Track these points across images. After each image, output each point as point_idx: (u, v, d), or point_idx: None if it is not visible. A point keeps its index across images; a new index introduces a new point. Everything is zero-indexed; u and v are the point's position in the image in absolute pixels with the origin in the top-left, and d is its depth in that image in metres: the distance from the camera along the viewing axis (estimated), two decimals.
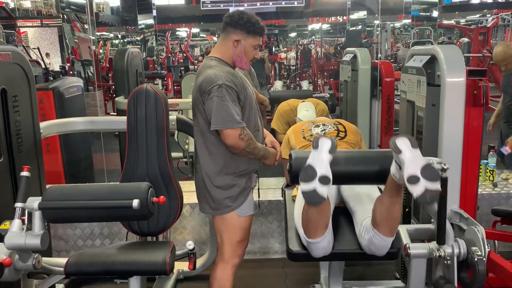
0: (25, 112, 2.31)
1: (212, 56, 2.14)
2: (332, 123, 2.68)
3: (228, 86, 1.97)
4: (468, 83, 2.09)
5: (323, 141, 1.79)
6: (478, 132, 2.23)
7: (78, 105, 4.23)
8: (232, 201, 2.12)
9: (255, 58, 2.18)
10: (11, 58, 2.18)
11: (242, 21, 2.06)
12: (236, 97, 2.01)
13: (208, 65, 2.09)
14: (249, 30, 2.07)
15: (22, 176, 1.89)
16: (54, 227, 3.13)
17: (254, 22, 2.08)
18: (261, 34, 2.12)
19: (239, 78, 2.08)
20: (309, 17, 15.08)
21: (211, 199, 2.14)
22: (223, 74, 2.00)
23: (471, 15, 16.27)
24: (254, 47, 2.13)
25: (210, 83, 1.97)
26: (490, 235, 2.48)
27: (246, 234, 2.23)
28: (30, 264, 1.87)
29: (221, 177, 2.10)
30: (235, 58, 2.12)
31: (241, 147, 2.00)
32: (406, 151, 1.63)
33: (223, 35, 2.13)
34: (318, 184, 1.66)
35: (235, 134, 1.96)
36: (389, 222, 1.79)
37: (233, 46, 2.09)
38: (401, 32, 15.33)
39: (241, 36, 2.08)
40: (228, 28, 2.10)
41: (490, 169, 3.33)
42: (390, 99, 4.17)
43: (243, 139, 1.98)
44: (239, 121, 1.97)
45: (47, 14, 14.29)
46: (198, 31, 18.19)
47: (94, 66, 8.25)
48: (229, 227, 2.17)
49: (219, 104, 1.95)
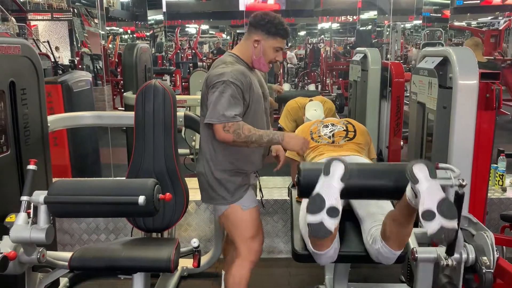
0: (33, 105, 2.31)
1: (232, 52, 2.15)
2: (341, 122, 2.65)
3: (232, 82, 1.96)
4: (480, 86, 2.06)
5: (336, 167, 1.64)
6: (489, 136, 2.20)
7: (87, 100, 4.24)
8: (228, 194, 2.11)
9: (276, 60, 2.14)
10: (20, 51, 2.18)
11: (263, 22, 2.05)
12: (241, 95, 1.98)
13: (223, 60, 2.10)
14: (269, 31, 2.05)
15: (29, 169, 1.89)
16: (59, 221, 3.13)
17: (276, 23, 2.05)
18: (283, 36, 2.09)
19: (249, 77, 2.04)
20: (319, 16, 15.00)
21: (210, 188, 2.13)
22: (231, 71, 1.99)
23: (482, 17, 16.11)
24: (275, 49, 2.10)
25: (216, 78, 1.99)
26: (498, 241, 2.44)
27: (256, 228, 2.19)
28: (35, 257, 1.87)
29: (218, 171, 2.10)
30: (253, 59, 2.10)
31: (230, 139, 1.94)
32: (423, 181, 1.51)
33: (246, 34, 2.12)
34: (325, 216, 1.55)
35: (220, 127, 1.93)
36: (400, 237, 1.75)
37: (253, 46, 2.08)
38: (412, 33, 15.22)
39: (261, 37, 2.06)
40: (250, 27, 2.09)
41: (499, 173, 3.29)
42: (399, 100, 4.13)
43: (228, 131, 1.93)
44: (227, 115, 1.91)
45: (58, 8, 14.34)
46: (208, 27, 18.18)
47: (103, 61, 8.27)
48: (237, 223, 2.16)
49: (218, 98, 1.94)
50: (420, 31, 13.03)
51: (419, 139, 2.50)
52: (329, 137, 2.53)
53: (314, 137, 2.56)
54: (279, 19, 2.06)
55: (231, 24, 16.44)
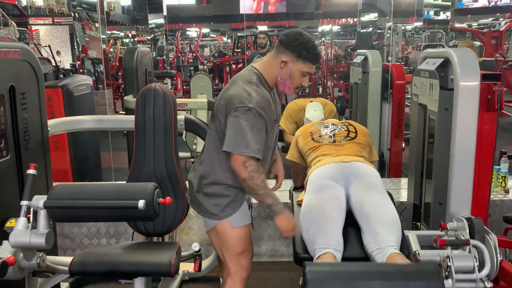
0: (33, 110, 2.30)
1: (255, 69, 1.99)
2: (342, 123, 2.64)
3: (258, 112, 1.83)
4: (482, 87, 2.05)
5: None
6: (491, 138, 2.18)
7: (87, 103, 4.24)
8: (218, 210, 2.00)
9: (302, 86, 2.00)
10: (20, 55, 2.18)
11: (295, 43, 1.90)
12: (264, 125, 1.88)
13: (246, 78, 1.94)
14: (300, 54, 1.90)
15: (29, 174, 1.88)
16: (60, 225, 3.12)
17: (308, 47, 1.90)
18: (313, 61, 1.93)
19: (272, 105, 1.93)
20: (320, 18, 15.02)
21: (198, 201, 2.05)
22: (257, 96, 1.85)
23: (483, 18, 16.12)
24: (303, 74, 1.95)
25: (240, 101, 1.83)
26: (501, 243, 2.42)
27: (245, 245, 2.07)
28: (35, 262, 1.86)
29: (210, 185, 2.00)
30: (278, 80, 1.96)
31: (243, 176, 1.85)
32: None
33: (274, 52, 1.96)
34: None
35: (241, 160, 1.83)
36: None
37: (279, 67, 1.93)
38: (412, 35, 15.23)
39: (290, 58, 1.91)
40: (280, 46, 1.93)
41: (502, 175, 3.27)
42: (400, 102, 4.12)
43: (247, 168, 1.83)
44: (252, 149, 1.82)
45: (59, 13, 14.38)
46: (208, 31, 18.22)
47: (103, 65, 8.29)
48: (225, 240, 2.04)
49: (241, 128, 1.82)
50: (421, 33, 13.02)
51: (420, 141, 2.48)
52: (330, 136, 2.51)
53: (314, 137, 2.55)
54: (312, 42, 1.92)
55: (232, 27, 16.46)
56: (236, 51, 12.13)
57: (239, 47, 12.27)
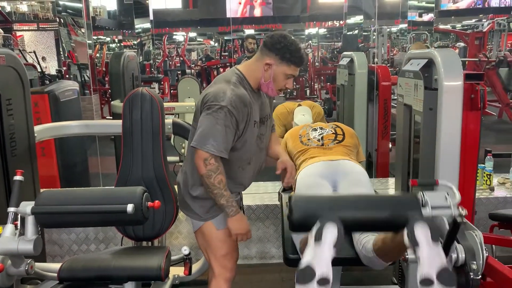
0: (19, 116, 2.29)
1: (238, 70, 2.00)
2: (330, 126, 2.67)
3: (230, 111, 1.83)
4: (465, 87, 2.09)
5: (328, 232, 1.44)
6: (475, 136, 2.22)
7: (74, 109, 4.21)
8: (203, 211, 2.03)
9: (286, 88, 2.00)
10: (5, 61, 2.16)
11: (279, 45, 1.90)
12: (235, 124, 1.87)
13: (226, 78, 1.96)
14: (283, 57, 1.90)
15: (15, 180, 1.86)
16: (48, 232, 3.09)
17: (292, 50, 1.90)
18: (297, 64, 1.93)
19: (248, 106, 1.91)
20: (306, 21, 15.09)
21: (185, 203, 2.08)
22: (231, 96, 1.85)
23: (467, 20, 16.34)
24: (287, 76, 1.95)
25: (214, 99, 1.85)
26: (488, 240, 2.46)
27: (229, 247, 2.08)
28: (23, 269, 1.84)
29: (196, 186, 2.01)
30: (262, 82, 1.96)
31: (201, 172, 1.86)
32: (424, 246, 1.39)
33: (259, 54, 1.97)
34: (316, 286, 1.44)
35: (203, 156, 1.84)
36: (394, 256, 1.78)
37: (263, 69, 1.94)
38: (398, 36, 15.37)
39: (274, 61, 1.91)
40: (264, 48, 1.94)
41: (487, 173, 3.32)
42: (387, 103, 4.17)
43: (206, 166, 1.84)
44: (216, 147, 1.83)
45: (44, 18, 14.25)
46: (195, 35, 18.19)
47: (90, 70, 8.24)
48: (210, 241, 2.07)
49: (210, 125, 1.83)
50: (406, 35, 13.16)
51: (406, 141, 2.52)
52: (318, 140, 2.55)
53: (303, 140, 2.58)
54: (296, 45, 1.91)
55: (219, 31, 16.46)
56: (224, 54, 12.14)
57: (226, 51, 12.28)
